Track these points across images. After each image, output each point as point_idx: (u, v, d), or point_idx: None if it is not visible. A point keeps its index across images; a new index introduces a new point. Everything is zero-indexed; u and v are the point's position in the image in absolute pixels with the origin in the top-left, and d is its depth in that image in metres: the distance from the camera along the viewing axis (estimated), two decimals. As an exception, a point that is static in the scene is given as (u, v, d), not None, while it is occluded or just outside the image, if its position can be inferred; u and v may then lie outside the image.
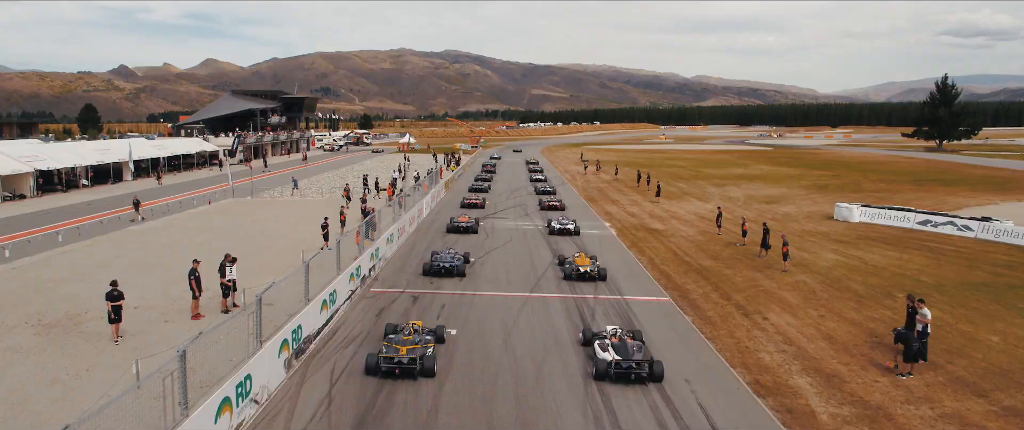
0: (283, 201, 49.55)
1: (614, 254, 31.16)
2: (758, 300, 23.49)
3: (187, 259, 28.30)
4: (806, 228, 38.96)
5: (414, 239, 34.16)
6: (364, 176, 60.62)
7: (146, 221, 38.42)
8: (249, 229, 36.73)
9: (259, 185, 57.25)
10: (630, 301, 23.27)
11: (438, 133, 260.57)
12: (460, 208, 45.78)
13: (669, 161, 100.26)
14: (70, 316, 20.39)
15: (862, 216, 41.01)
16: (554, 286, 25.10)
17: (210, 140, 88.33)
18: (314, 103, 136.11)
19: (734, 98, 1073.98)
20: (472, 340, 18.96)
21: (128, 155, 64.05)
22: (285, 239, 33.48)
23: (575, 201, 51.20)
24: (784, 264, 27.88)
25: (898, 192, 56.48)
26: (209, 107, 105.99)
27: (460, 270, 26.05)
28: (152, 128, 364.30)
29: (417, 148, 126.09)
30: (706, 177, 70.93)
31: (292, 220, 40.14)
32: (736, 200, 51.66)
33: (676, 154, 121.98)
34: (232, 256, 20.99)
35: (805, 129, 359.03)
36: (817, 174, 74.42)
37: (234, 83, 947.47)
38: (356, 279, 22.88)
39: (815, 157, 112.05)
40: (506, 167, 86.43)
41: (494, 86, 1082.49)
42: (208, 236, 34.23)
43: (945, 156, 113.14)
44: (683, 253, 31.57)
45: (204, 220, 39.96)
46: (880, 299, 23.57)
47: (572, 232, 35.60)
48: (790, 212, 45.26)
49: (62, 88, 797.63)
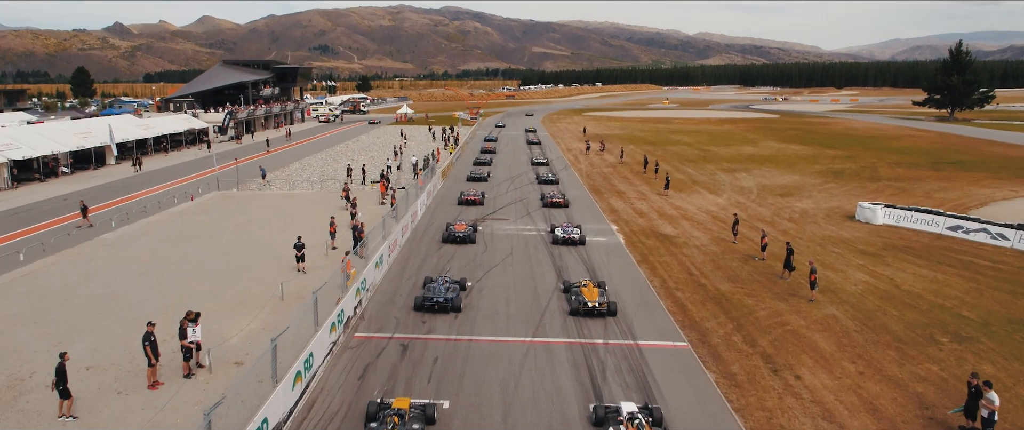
0: (270, 195, 46.92)
1: (623, 274, 28.66)
2: (786, 347, 21.09)
3: (157, 287, 25.95)
4: (827, 233, 36.41)
5: (407, 253, 31.61)
6: (348, 167, 55.69)
7: (94, 227, 35.67)
8: (229, 238, 34.14)
9: (245, 172, 54.45)
10: (644, 348, 20.88)
11: (437, 97, 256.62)
12: (457, 205, 43.17)
13: (674, 136, 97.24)
14: (10, 383, 17.96)
15: (886, 218, 38.41)
16: (560, 325, 22.66)
17: (199, 115, 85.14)
18: (309, 73, 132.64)
19: (737, 56, 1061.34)
20: (467, 415, 16.60)
21: (110, 138, 61.23)
22: (269, 254, 30.94)
23: (579, 193, 48.56)
24: (811, 293, 25.41)
25: (917, 180, 53.79)
26: (199, 79, 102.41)
27: (455, 305, 23.59)
28: (147, 90, 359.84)
29: (414, 118, 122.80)
30: (715, 159, 68.10)
31: (280, 223, 37.56)
32: (749, 192, 49.01)
33: (680, 125, 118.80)
34: (194, 313, 18.48)
35: (810, 91, 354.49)
36: (831, 155, 71.55)
37: (230, 41, 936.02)
38: (338, 327, 20.44)
39: (824, 129, 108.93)
40: (506, 144, 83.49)
41: (494, 44, 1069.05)
42: (184, 251, 31.64)
43: (958, 127, 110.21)
44: (698, 272, 29.08)
45: (183, 224, 37.35)
46: (923, 346, 21.16)
47: (577, 242, 33.10)
48: (807, 209, 42.66)
49: (57, 46, 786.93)
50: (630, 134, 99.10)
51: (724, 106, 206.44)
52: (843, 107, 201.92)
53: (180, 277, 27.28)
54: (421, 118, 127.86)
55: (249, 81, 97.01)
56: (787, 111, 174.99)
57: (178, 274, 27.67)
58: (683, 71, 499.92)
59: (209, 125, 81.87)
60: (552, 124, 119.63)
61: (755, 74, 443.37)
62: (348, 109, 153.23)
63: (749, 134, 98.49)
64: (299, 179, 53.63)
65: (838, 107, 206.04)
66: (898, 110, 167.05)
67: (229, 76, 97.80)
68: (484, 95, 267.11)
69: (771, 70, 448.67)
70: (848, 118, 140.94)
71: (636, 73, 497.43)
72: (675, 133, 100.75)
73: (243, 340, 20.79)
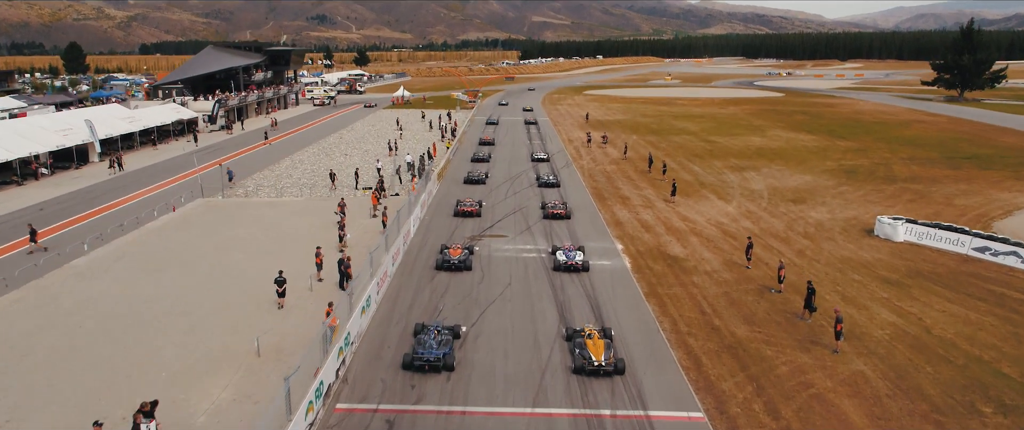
0: (256, 204, 44.65)
1: (630, 315, 26.52)
2: (813, 418, 19.08)
3: (123, 338, 23.50)
4: (846, 253, 34.25)
5: (397, 285, 29.38)
6: (331, 173, 51.24)
7: (48, 251, 33.33)
8: (208, 265, 31.90)
9: (238, 173, 52.08)
10: (655, 421, 18.90)
11: (435, 72, 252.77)
12: (453, 217, 40.94)
13: (678, 121, 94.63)
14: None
15: (907, 234, 36.21)
16: (562, 388, 20.62)
17: (188, 104, 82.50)
18: (302, 54, 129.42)
19: (739, 25, 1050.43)
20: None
21: (92, 135, 58.78)
22: (248, 287, 28.78)
23: (581, 198, 46.35)
24: (836, 343, 23.32)
25: (935, 181, 51.50)
26: (189, 64, 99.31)
27: (448, 363, 21.53)
28: (143, 61, 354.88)
29: (412, 100, 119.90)
30: (722, 153, 65.62)
31: (264, 241, 35.37)
32: (759, 197, 46.75)
33: (684, 107, 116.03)
34: (148, 404, 16.38)
35: (813, 63, 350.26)
36: (842, 148, 69.09)
37: (227, 11, 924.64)
38: (317, 404, 18.38)
39: (832, 112, 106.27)
40: (505, 134, 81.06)
41: (494, 13, 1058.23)
42: (158, 284, 29.43)
43: (969, 110, 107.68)
44: (711, 309, 26.96)
45: (160, 246, 35.07)
46: (964, 418, 19.15)
47: (580, 268, 31.00)
48: (822, 221, 40.43)
49: (51, 16, 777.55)
50: (633, 120, 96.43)
51: (728, 82, 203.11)
52: (849, 82, 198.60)
53: (150, 322, 25.17)
54: (418, 99, 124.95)
55: (240, 66, 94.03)
56: (792, 88, 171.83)
57: (148, 318, 25.54)
58: (685, 42, 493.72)
59: (198, 115, 79.26)
60: (553, 106, 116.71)
61: (758, 46, 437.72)
62: (344, 89, 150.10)
63: (755, 120, 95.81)
64: (288, 182, 51.32)
65: (843, 83, 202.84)
66: (905, 88, 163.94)
67: (220, 60, 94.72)
68: (483, 71, 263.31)
69: (774, 41, 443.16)
70: (854, 98, 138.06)
71: (637, 45, 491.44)
72: (679, 118, 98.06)
73: (211, 417, 18.74)
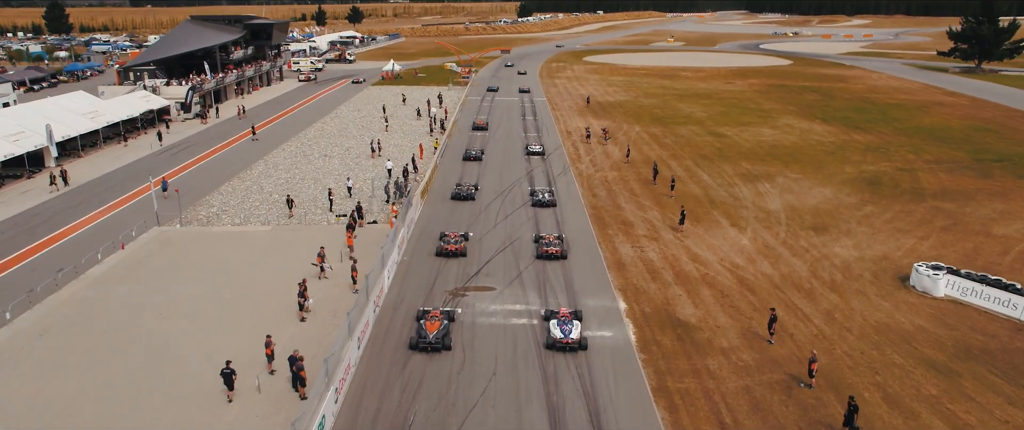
0: (217, 235, 40.11)
1: (637, 427, 22.39)
2: None
3: None
4: (881, 317, 29.97)
5: (361, 383, 24.76)
6: (288, 198, 43.99)
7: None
8: (144, 345, 27.13)
9: (192, 192, 47.30)
10: None
11: (431, 32, 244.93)
12: (435, 256, 36.50)
13: (683, 104, 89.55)
14: None
15: (949, 288, 31.93)
16: None
17: (160, 90, 77.01)
18: (286, 27, 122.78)
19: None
20: None
21: (48, 139, 53.90)
22: (191, 379, 24.43)
23: (579, 224, 41.94)
24: (887, 488, 19.25)
25: (968, 198, 47.04)
26: (160, 43, 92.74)
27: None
28: (129, 19, 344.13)
29: (402, 73, 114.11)
30: (731, 154, 60.66)
31: (219, 300, 30.92)
32: (775, 221, 42.29)
33: (688, 83, 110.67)
34: None
35: (820, 19, 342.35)
36: (860, 145, 64.31)
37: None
38: None
39: (845, 91, 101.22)
40: (500, 124, 76.22)
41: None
42: (79, 383, 25.00)
43: (988, 85, 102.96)
44: (733, 420, 22.79)
45: (95, 312, 30.06)
46: None
47: (577, 347, 26.84)
48: (850, 261, 36.05)
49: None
50: (635, 101, 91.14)
51: (732, 44, 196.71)
52: (859, 46, 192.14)
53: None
54: (409, 72, 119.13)
55: (218, 44, 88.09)
56: (799, 53, 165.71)
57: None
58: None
59: (170, 102, 74.09)
60: (550, 83, 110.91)
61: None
62: (334, 56, 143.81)
63: (765, 102, 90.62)
64: (257, 199, 46.75)
65: (852, 45, 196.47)
66: (917, 53, 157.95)
67: (198, 37, 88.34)
68: (479, 30, 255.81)
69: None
70: (865, 67, 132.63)
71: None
72: (684, 99, 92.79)
73: None
